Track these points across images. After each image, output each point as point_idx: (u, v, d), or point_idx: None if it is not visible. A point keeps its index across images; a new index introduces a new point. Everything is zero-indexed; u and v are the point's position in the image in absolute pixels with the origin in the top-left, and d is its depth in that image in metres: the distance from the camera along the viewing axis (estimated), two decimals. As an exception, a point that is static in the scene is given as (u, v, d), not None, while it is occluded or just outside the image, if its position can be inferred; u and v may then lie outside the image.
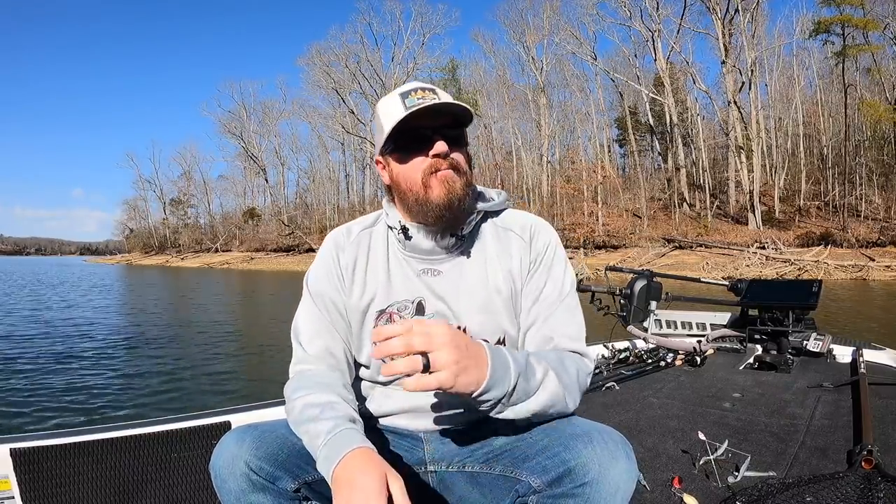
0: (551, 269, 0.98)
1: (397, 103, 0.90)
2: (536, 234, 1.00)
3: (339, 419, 0.80)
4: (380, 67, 42.31)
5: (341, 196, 49.93)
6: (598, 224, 30.58)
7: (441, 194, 0.90)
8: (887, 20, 25.50)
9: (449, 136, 0.91)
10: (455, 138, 0.92)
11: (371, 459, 0.72)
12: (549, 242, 1.00)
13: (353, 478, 0.70)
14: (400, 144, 0.92)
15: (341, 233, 1.03)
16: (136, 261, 62.45)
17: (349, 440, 0.75)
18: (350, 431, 0.78)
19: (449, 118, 0.91)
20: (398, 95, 0.91)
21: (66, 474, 1.40)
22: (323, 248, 1.02)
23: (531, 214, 1.04)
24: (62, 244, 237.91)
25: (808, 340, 2.87)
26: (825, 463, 1.53)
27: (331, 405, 0.83)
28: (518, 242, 0.99)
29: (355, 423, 0.81)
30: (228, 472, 0.79)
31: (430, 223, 0.94)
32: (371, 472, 0.70)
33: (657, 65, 31.90)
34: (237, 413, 1.66)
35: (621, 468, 0.74)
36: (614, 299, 3.30)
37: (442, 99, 0.90)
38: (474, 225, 0.98)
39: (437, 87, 0.94)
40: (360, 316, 0.97)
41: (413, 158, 0.91)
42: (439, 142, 0.89)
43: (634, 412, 2.07)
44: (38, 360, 6.64)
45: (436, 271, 0.97)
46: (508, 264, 0.97)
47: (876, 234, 22.43)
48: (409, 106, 0.88)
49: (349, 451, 0.73)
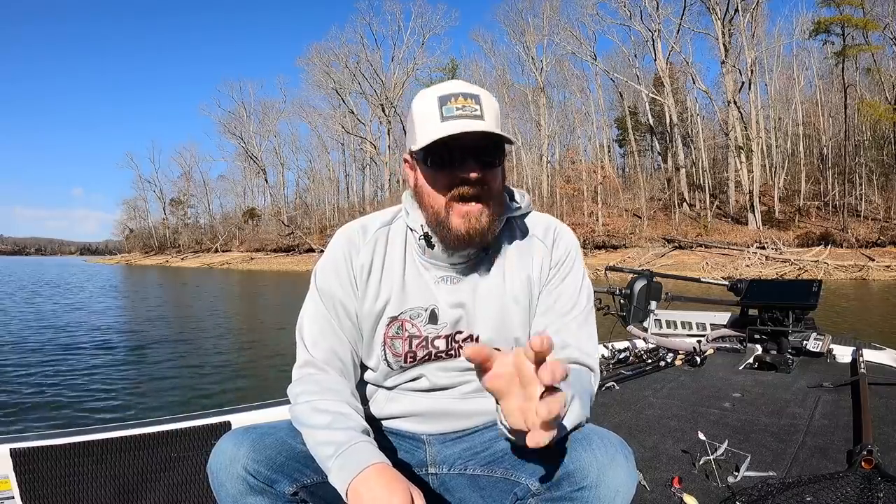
0: (568, 278, 0.95)
1: (434, 109, 0.84)
2: (558, 238, 0.97)
3: (352, 431, 0.79)
4: (380, 67, 42.40)
5: (341, 196, 49.97)
6: (598, 224, 30.58)
7: (461, 227, 0.86)
8: (887, 20, 25.52)
9: (485, 155, 0.85)
10: (491, 157, 0.86)
11: (394, 476, 0.72)
12: (569, 249, 0.97)
13: (378, 494, 0.69)
14: (430, 158, 0.86)
15: (356, 231, 0.98)
16: (135, 261, 62.41)
17: (367, 454, 0.75)
18: (366, 445, 0.77)
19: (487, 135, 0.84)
20: (436, 98, 0.85)
21: (66, 474, 1.40)
22: (335, 243, 0.98)
23: (553, 218, 1.01)
24: (62, 244, 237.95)
25: (808, 340, 2.87)
26: (825, 463, 1.53)
27: (343, 415, 0.82)
28: (540, 247, 0.96)
29: (369, 436, 0.80)
30: (226, 475, 0.79)
31: (447, 244, 0.90)
32: (397, 491, 0.69)
33: (657, 65, 31.92)
34: (237, 413, 1.65)
35: (620, 472, 0.73)
36: (614, 299, 3.31)
37: (485, 111, 0.84)
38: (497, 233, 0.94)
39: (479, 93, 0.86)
40: (372, 321, 0.94)
41: (440, 177, 0.86)
42: (472, 168, 0.84)
43: (634, 412, 2.07)
44: (39, 360, 6.63)
45: (455, 279, 0.94)
46: (528, 270, 0.95)
47: (876, 234, 22.43)
48: (447, 116, 0.83)
49: (368, 466, 0.72)
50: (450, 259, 0.93)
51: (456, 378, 0.95)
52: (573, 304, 0.94)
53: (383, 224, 0.98)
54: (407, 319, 0.94)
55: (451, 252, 0.92)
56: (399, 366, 0.95)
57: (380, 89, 41.72)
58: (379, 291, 0.94)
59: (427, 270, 0.95)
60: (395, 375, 0.96)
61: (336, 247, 0.98)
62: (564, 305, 0.94)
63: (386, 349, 0.94)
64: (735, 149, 28.17)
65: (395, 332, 0.94)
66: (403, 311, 0.94)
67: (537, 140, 37.01)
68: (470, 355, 0.64)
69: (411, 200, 0.96)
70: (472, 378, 0.94)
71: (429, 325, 0.93)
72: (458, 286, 0.94)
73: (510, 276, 0.94)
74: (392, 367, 0.95)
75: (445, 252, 0.92)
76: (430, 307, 0.93)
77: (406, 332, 0.93)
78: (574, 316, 0.93)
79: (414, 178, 0.92)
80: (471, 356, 0.64)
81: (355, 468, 0.72)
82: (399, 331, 0.94)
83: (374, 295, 0.94)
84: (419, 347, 0.93)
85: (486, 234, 0.88)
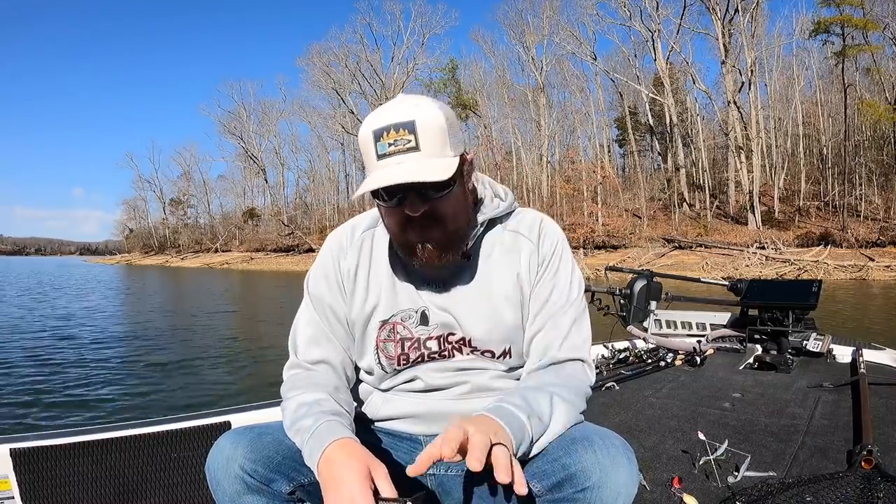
0: (558, 273, 0.95)
1: (370, 145, 0.81)
2: (544, 234, 0.96)
3: (322, 414, 0.80)
4: (379, 67, 42.35)
5: (341, 196, 49.89)
6: (598, 224, 30.57)
7: (415, 261, 0.87)
8: (887, 20, 25.52)
9: (429, 188, 0.81)
10: (436, 190, 0.82)
11: (352, 449, 0.73)
12: (555, 243, 0.96)
13: (336, 470, 0.71)
14: (375, 197, 0.85)
15: (345, 234, 0.98)
16: (135, 261, 62.43)
17: (330, 432, 0.76)
18: (330, 423, 0.78)
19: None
20: (371, 134, 0.81)
21: (66, 474, 1.40)
22: (324, 249, 0.99)
23: (537, 213, 1.00)
24: (62, 244, 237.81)
25: (808, 340, 2.87)
26: (825, 463, 1.53)
27: (318, 402, 0.83)
28: (527, 245, 0.95)
29: (339, 416, 0.81)
30: (223, 474, 0.79)
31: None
32: (353, 463, 0.71)
33: (657, 65, 31.91)
34: (237, 413, 1.65)
35: (623, 473, 0.73)
36: (614, 299, 3.30)
37: (420, 138, 0.79)
38: (479, 236, 0.94)
39: (414, 116, 0.80)
40: (362, 324, 0.95)
41: (388, 212, 0.86)
42: (413, 205, 0.81)
43: (634, 412, 2.07)
44: (39, 360, 6.64)
45: (441, 281, 0.93)
46: (517, 268, 0.94)
47: (876, 235, 22.43)
48: (381, 154, 0.80)
49: (329, 444, 0.74)
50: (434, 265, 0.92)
51: (451, 378, 0.94)
52: (566, 298, 0.94)
53: (369, 226, 0.98)
54: (398, 322, 0.94)
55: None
56: (393, 368, 0.95)
57: (380, 89, 41.65)
58: (367, 294, 0.94)
59: (413, 272, 0.94)
60: (390, 378, 0.96)
61: (325, 251, 0.99)
62: (557, 300, 0.93)
63: (378, 352, 0.94)
64: (735, 149, 28.17)
65: (387, 334, 0.94)
66: (394, 313, 0.94)
67: (537, 140, 37.00)
68: (420, 471, 0.67)
69: None
70: (468, 378, 0.94)
71: (420, 326, 0.93)
72: (444, 288, 0.93)
73: (498, 274, 0.94)
74: (386, 369, 0.95)
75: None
76: (420, 308, 0.93)
77: (398, 334, 0.93)
78: (566, 310, 0.93)
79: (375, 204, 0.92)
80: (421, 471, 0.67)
81: (319, 448, 0.74)
82: (391, 333, 0.94)
83: (363, 298, 0.94)
84: (412, 349, 0.93)
85: (449, 258, 0.88)
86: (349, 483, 0.69)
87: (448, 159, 0.82)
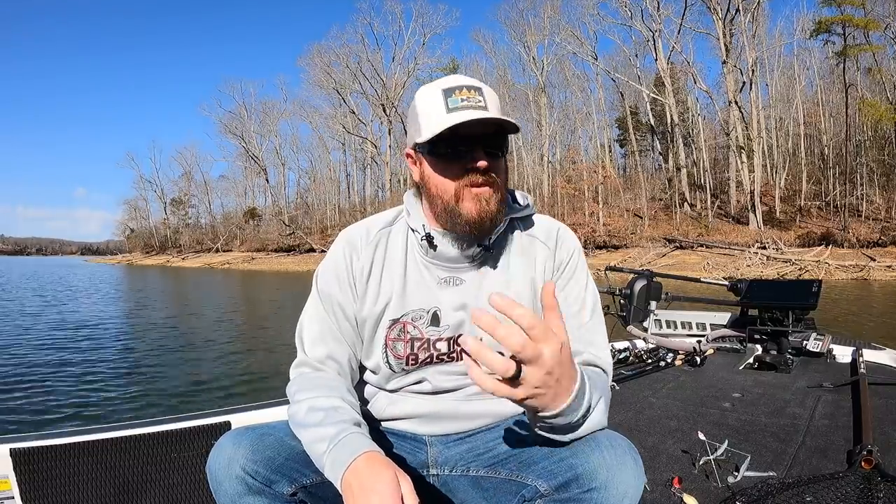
0: (575, 279, 0.95)
1: (439, 101, 0.84)
2: (561, 241, 0.96)
3: (343, 423, 0.79)
4: (380, 67, 42.34)
5: (342, 196, 49.96)
6: (599, 224, 30.56)
7: (472, 210, 0.86)
8: (888, 20, 25.45)
9: (491, 146, 0.86)
10: (496, 149, 0.87)
11: (381, 463, 0.72)
12: (572, 251, 0.96)
13: (366, 483, 0.69)
14: (437, 149, 0.86)
15: (359, 233, 0.97)
16: (136, 261, 62.45)
17: (357, 444, 0.75)
18: (356, 436, 0.77)
19: (492, 126, 0.85)
20: (441, 91, 0.85)
21: (66, 474, 1.40)
22: (336, 246, 0.97)
23: (554, 220, 1.00)
24: (63, 244, 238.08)
25: (808, 340, 2.87)
26: (825, 463, 1.53)
27: (335, 409, 0.82)
28: (543, 250, 0.95)
29: (360, 427, 0.80)
30: (224, 475, 0.79)
31: (457, 231, 0.89)
32: (384, 477, 0.69)
33: (658, 65, 31.88)
34: (237, 413, 1.65)
35: (629, 473, 0.73)
36: (614, 299, 3.31)
37: (488, 102, 0.84)
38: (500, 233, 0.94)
39: (482, 85, 0.86)
40: (372, 324, 0.94)
41: (449, 166, 0.86)
42: (480, 157, 0.84)
43: (634, 412, 2.07)
44: (39, 360, 6.64)
45: (458, 280, 0.93)
46: (532, 273, 0.94)
47: (877, 234, 22.39)
48: (452, 107, 0.83)
49: (358, 456, 0.72)
50: (454, 260, 0.92)
51: (459, 381, 0.94)
52: (580, 305, 0.93)
53: (385, 225, 0.97)
54: (408, 321, 0.93)
55: (458, 244, 0.91)
56: (401, 368, 0.94)
57: (381, 89, 41.69)
58: (379, 293, 0.94)
59: (429, 272, 0.94)
60: (397, 378, 0.96)
61: (337, 249, 0.97)
62: (571, 307, 0.93)
63: (387, 351, 0.94)
64: (736, 149, 28.14)
65: (397, 334, 0.93)
66: (405, 312, 0.93)
67: (538, 140, 36.99)
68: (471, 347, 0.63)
69: (413, 200, 0.96)
70: None
71: (430, 326, 0.93)
72: (461, 287, 0.93)
73: (514, 277, 0.94)
74: (394, 369, 0.95)
75: (453, 246, 0.91)
76: (431, 309, 0.93)
77: (408, 334, 0.93)
78: (583, 318, 0.93)
79: (419, 172, 0.91)
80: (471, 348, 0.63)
81: (346, 460, 0.73)
82: (401, 333, 0.93)
83: (375, 297, 0.94)
84: (421, 350, 0.93)
85: (496, 218, 0.88)
86: (381, 494, 0.68)
87: None
